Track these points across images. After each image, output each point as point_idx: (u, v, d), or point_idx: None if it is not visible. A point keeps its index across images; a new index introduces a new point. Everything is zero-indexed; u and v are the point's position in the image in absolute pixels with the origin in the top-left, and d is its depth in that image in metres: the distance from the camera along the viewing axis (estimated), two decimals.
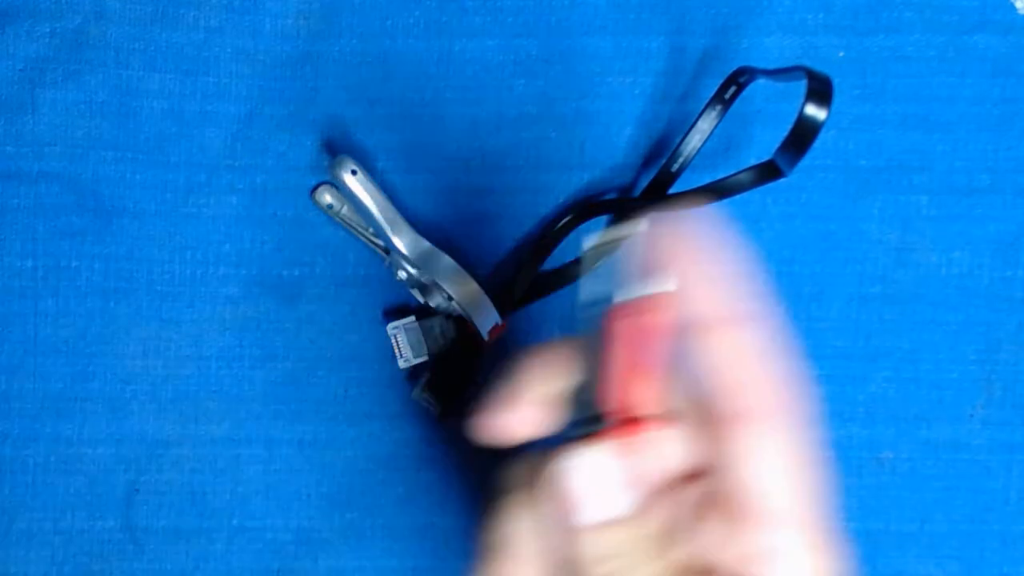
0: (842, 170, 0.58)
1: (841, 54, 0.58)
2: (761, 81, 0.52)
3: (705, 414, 0.34)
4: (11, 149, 0.56)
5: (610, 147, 0.58)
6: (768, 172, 0.46)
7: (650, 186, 0.56)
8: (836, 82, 0.45)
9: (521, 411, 0.37)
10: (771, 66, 0.56)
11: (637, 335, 0.33)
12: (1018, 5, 0.58)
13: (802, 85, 0.44)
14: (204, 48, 0.57)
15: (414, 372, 0.56)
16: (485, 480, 0.58)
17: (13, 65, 0.56)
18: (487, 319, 0.55)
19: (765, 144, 0.57)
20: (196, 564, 0.58)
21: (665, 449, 0.34)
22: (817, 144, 0.45)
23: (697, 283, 0.33)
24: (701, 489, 0.34)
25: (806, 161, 0.45)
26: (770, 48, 0.57)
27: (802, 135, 0.44)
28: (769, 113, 0.57)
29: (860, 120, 0.58)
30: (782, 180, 0.51)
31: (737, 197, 0.52)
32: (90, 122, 0.56)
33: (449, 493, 0.59)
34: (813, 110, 0.44)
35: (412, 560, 0.59)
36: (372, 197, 0.53)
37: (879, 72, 0.58)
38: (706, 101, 0.54)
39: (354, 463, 0.58)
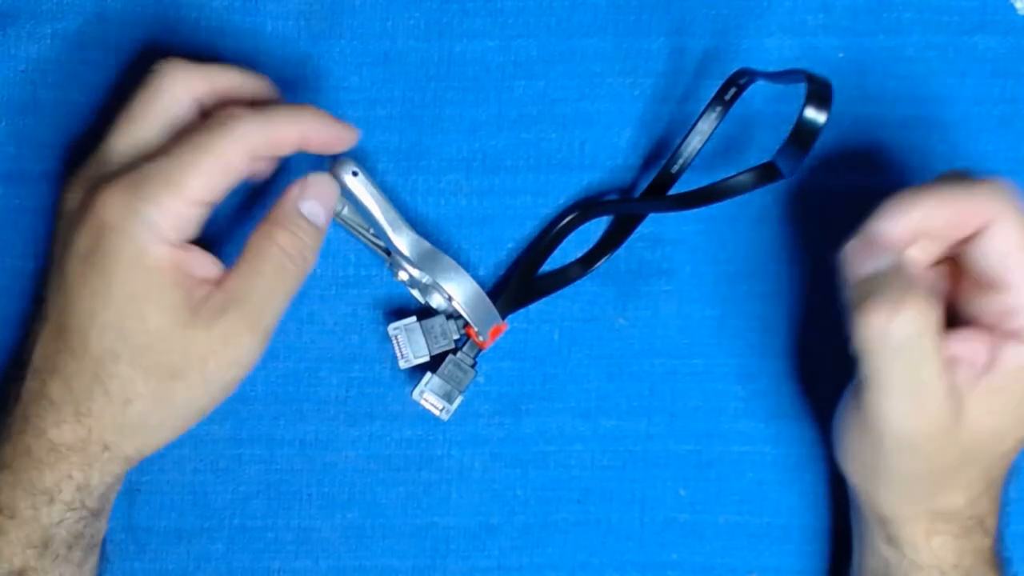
0: (842, 170, 0.58)
1: (841, 55, 0.58)
2: (761, 83, 0.52)
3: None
4: (12, 150, 0.56)
5: (610, 148, 0.58)
6: (769, 174, 0.46)
7: (650, 187, 0.56)
8: (836, 83, 0.45)
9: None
10: (771, 67, 0.56)
11: None
12: (1018, 6, 0.58)
13: (802, 87, 0.45)
14: (205, 50, 0.57)
15: (415, 372, 0.56)
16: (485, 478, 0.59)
17: (15, 66, 0.56)
18: (487, 319, 0.55)
19: (765, 146, 0.57)
20: (197, 564, 0.58)
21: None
22: (817, 144, 0.45)
23: None
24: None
25: (806, 161, 0.45)
26: (770, 49, 0.58)
27: (802, 138, 0.44)
28: (769, 115, 0.57)
29: (860, 121, 0.58)
30: (782, 181, 0.51)
31: (738, 196, 0.52)
32: (91, 123, 0.56)
33: (449, 493, 0.59)
34: (813, 113, 0.44)
35: (412, 560, 0.59)
36: (373, 198, 0.53)
37: (879, 73, 0.58)
38: (706, 102, 0.54)
39: (355, 463, 0.58)
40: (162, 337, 0.47)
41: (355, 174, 0.52)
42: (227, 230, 0.57)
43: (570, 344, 0.59)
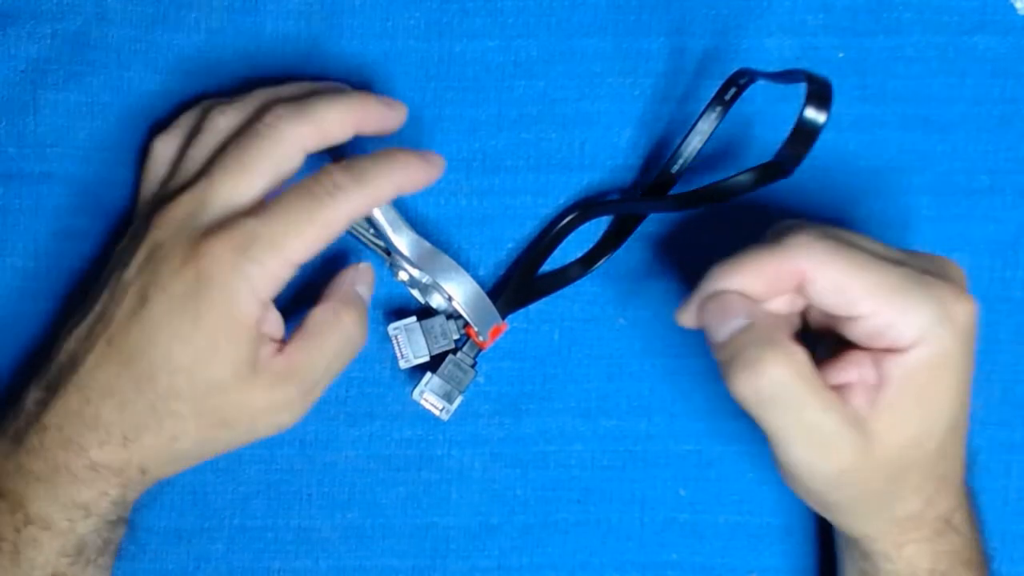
0: (842, 170, 0.58)
1: (841, 55, 0.58)
2: (761, 83, 0.52)
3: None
4: (13, 150, 0.56)
5: (610, 148, 0.58)
6: (769, 174, 0.46)
7: (651, 187, 0.56)
8: (836, 83, 0.45)
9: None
10: (771, 67, 0.56)
11: None
12: (1018, 6, 0.58)
13: (802, 87, 0.45)
14: (206, 50, 0.57)
15: (415, 372, 0.56)
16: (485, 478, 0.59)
17: (15, 66, 0.56)
18: (487, 319, 0.55)
19: (766, 146, 0.57)
20: (197, 564, 0.58)
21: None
22: (817, 144, 0.45)
23: None
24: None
25: (806, 161, 0.45)
26: (770, 49, 0.58)
27: (802, 138, 0.44)
28: (769, 115, 0.57)
29: (860, 120, 0.58)
30: (782, 181, 0.50)
31: (737, 198, 0.52)
32: (92, 123, 0.57)
33: (449, 493, 0.59)
34: (813, 113, 0.44)
35: (412, 560, 0.59)
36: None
37: (879, 73, 0.58)
38: (706, 102, 0.54)
39: (355, 463, 0.58)
40: (223, 389, 0.48)
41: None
42: None
43: (570, 344, 0.59)
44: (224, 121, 0.51)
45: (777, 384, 0.45)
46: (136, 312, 0.48)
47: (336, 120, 0.50)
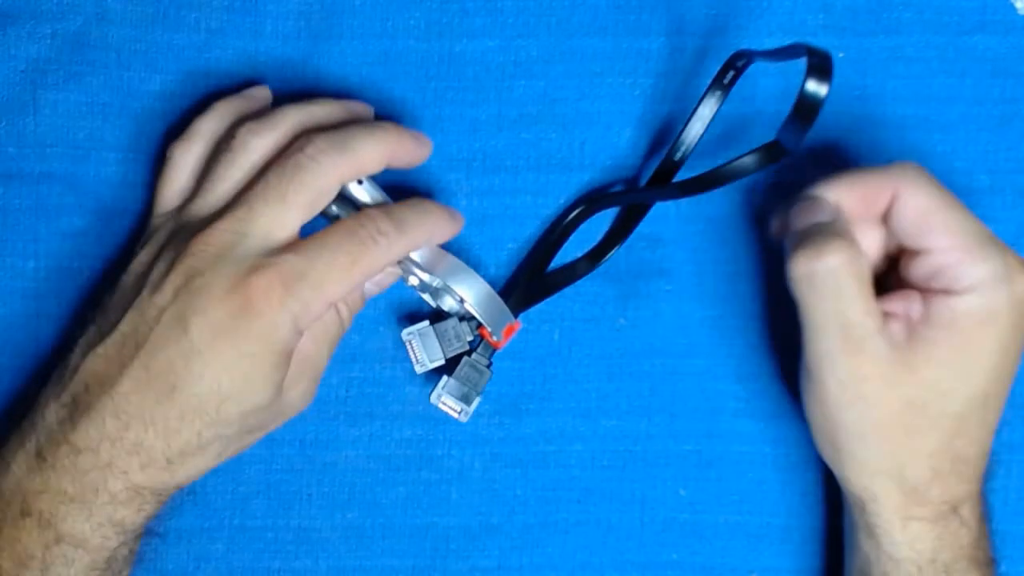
0: (842, 170, 0.58)
1: (841, 55, 0.58)
2: (762, 80, 0.52)
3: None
4: (13, 150, 0.56)
5: (610, 148, 0.58)
6: (772, 153, 0.46)
7: (654, 176, 0.56)
8: (836, 83, 0.45)
9: None
10: (771, 68, 0.56)
11: None
12: (1018, 5, 0.58)
13: (802, 67, 0.44)
14: (205, 50, 0.57)
15: (416, 373, 0.56)
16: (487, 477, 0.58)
17: (15, 66, 0.56)
18: (500, 319, 0.55)
19: (767, 132, 0.57)
20: (197, 564, 0.58)
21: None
22: (817, 144, 0.45)
23: None
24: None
25: (806, 161, 0.45)
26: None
27: (804, 112, 0.43)
28: (770, 114, 0.57)
29: (860, 120, 0.58)
30: (783, 180, 0.50)
31: (738, 196, 0.52)
32: (92, 123, 0.57)
33: (449, 493, 0.59)
34: (814, 86, 0.43)
35: (412, 560, 0.59)
36: (376, 201, 0.53)
37: (879, 73, 0.58)
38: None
39: (355, 463, 0.58)
40: (264, 406, 0.50)
41: (360, 181, 0.52)
42: None
43: (570, 344, 0.58)
44: (257, 143, 0.51)
45: (833, 271, 0.47)
46: (176, 340, 0.48)
47: (373, 154, 0.51)
